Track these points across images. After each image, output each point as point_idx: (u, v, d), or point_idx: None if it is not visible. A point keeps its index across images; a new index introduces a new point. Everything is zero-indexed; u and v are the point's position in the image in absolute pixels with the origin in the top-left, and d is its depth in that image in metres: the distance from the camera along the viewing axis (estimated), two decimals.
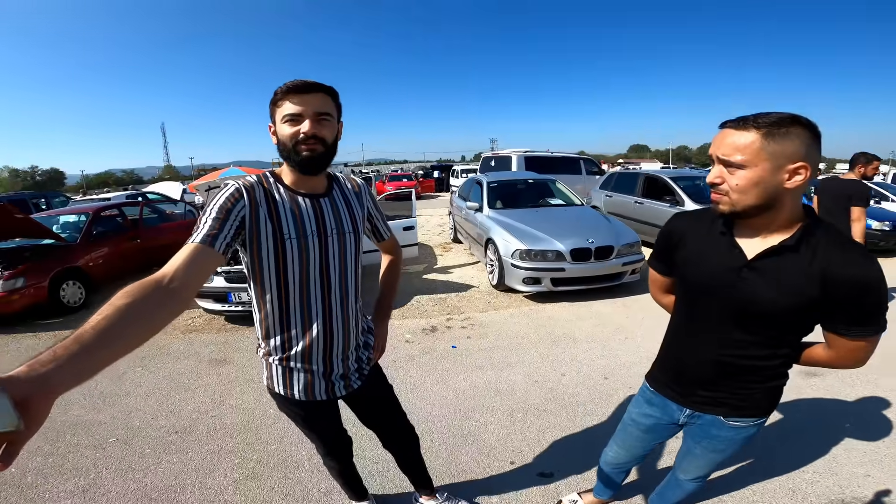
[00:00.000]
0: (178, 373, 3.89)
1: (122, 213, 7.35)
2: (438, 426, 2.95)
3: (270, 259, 1.34)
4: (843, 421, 2.93)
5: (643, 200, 8.41)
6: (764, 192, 1.09)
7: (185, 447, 2.82)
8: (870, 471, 2.46)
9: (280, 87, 1.29)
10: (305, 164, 1.31)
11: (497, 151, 14.72)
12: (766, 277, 1.17)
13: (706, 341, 1.34)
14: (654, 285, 1.65)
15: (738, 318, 1.25)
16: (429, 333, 4.59)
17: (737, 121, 1.10)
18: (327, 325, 1.47)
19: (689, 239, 1.35)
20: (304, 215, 1.37)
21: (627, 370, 3.68)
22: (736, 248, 1.22)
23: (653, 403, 1.58)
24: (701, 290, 1.31)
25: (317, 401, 1.56)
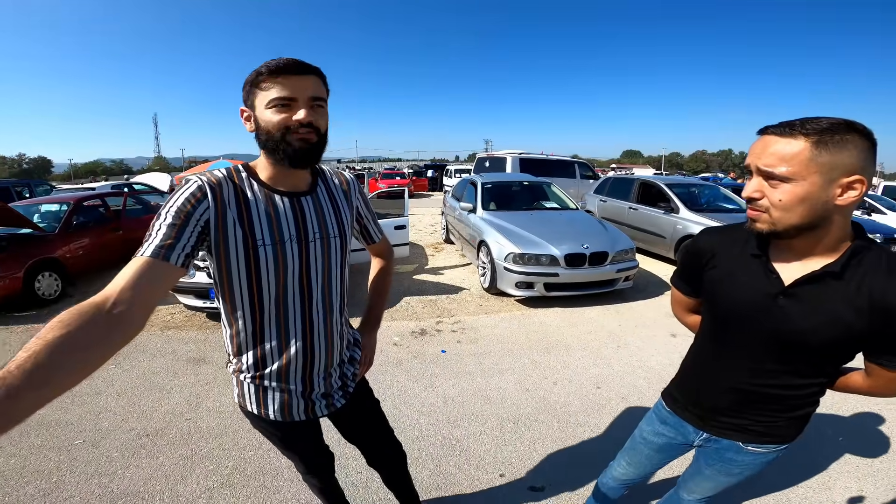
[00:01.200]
0: (153, 372, 3.72)
1: (104, 204, 7.14)
2: (426, 435, 2.83)
3: (241, 268, 1.16)
4: (837, 434, 2.87)
5: (638, 206, 8.37)
6: (811, 209, 0.95)
7: (156, 451, 2.68)
8: (863, 486, 2.41)
9: (263, 66, 1.09)
10: (299, 156, 1.13)
11: (492, 152, 14.66)
12: (804, 306, 1.04)
13: (733, 367, 1.22)
14: (677, 305, 1.51)
15: (772, 347, 1.12)
16: (418, 336, 4.47)
17: (782, 126, 0.95)
18: (307, 340, 1.29)
19: (720, 259, 1.21)
20: (282, 217, 1.19)
21: (620, 379, 3.58)
22: (772, 273, 1.09)
23: (667, 423, 1.47)
24: (731, 315, 1.18)
25: (294, 421, 1.39)
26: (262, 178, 1.20)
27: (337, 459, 2.42)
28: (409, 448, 2.59)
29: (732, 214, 7.30)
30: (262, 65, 1.10)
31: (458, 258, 7.87)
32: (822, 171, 0.91)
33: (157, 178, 17.00)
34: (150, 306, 0.95)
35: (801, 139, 0.92)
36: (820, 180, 0.92)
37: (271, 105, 1.09)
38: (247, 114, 1.16)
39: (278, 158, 1.14)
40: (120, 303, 0.88)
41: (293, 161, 1.13)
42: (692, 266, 1.31)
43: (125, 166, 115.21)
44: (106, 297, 0.87)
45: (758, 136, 1.01)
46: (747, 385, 1.20)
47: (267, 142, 1.12)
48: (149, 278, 0.95)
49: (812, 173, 0.92)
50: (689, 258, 1.32)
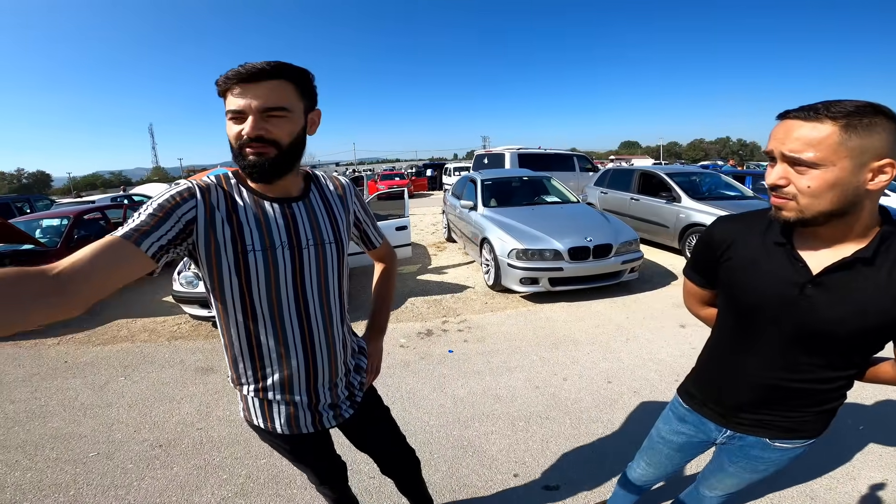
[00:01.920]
0: (163, 382, 3.72)
1: (104, 217, 7.15)
2: (437, 437, 2.81)
3: (232, 276, 1.12)
4: (857, 423, 2.84)
5: (639, 197, 8.33)
6: (842, 195, 0.91)
7: (169, 462, 2.67)
8: (887, 475, 2.37)
9: (222, 76, 1.04)
10: (256, 171, 1.07)
11: (490, 149, 14.63)
12: (834, 295, 1.00)
13: (757, 363, 1.18)
14: (691, 297, 1.45)
15: (799, 339, 1.08)
16: (424, 337, 4.45)
17: (806, 110, 0.91)
18: (308, 352, 1.25)
19: (739, 248, 1.16)
20: (272, 223, 1.15)
21: (631, 373, 3.56)
22: (799, 262, 1.04)
23: (686, 421, 1.43)
24: (753, 307, 1.13)
25: (303, 434, 1.37)
26: (251, 184, 1.17)
27: (349, 466, 2.41)
28: (420, 450, 2.58)
29: (734, 202, 7.26)
30: (222, 74, 1.05)
31: (461, 256, 7.85)
32: (852, 156, 0.88)
33: (156, 189, 17.00)
34: (104, 287, 0.89)
35: (828, 123, 0.88)
36: (850, 165, 0.88)
37: (229, 117, 1.05)
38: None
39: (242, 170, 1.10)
40: (69, 270, 0.83)
41: (251, 176, 1.10)
42: (707, 257, 1.26)
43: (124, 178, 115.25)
44: (56, 265, 0.83)
45: (778, 121, 0.97)
46: (773, 380, 1.16)
47: (232, 153, 1.09)
48: (112, 258, 0.90)
49: (842, 158, 0.88)
50: (704, 249, 1.27)
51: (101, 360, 4.23)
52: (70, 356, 4.36)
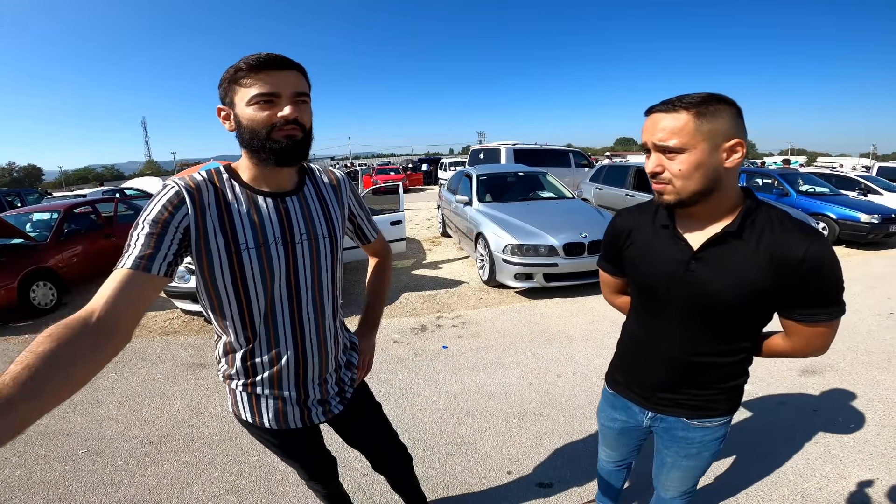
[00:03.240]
0: (154, 378, 3.68)
1: (95, 211, 7.06)
2: (430, 433, 2.80)
3: (225, 274, 1.11)
4: (847, 421, 2.85)
5: (634, 193, 8.37)
6: (706, 174, 1.04)
7: (160, 459, 2.65)
8: (878, 474, 2.38)
9: (243, 62, 1.03)
10: (285, 153, 1.08)
11: (486, 144, 14.60)
12: (714, 268, 1.11)
13: (662, 340, 1.27)
14: (606, 287, 1.55)
15: (692, 313, 1.18)
16: (418, 333, 4.44)
17: (664, 104, 1.05)
18: (299, 347, 1.24)
19: (636, 235, 1.29)
20: (266, 219, 1.14)
21: None
22: (681, 241, 1.16)
23: (616, 407, 1.51)
24: (652, 287, 1.25)
25: (291, 429, 1.36)
26: (244, 178, 1.15)
27: (341, 462, 2.39)
28: (413, 447, 2.56)
29: None
30: (241, 60, 1.04)
31: (456, 251, 7.83)
32: (707, 139, 1.01)
33: (148, 182, 16.83)
34: (137, 317, 0.95)
35: (683, 113, 1.01)
36: (707, 147, 1.01)
37: (253, 102, 1.03)
38: (225, 112, 1.10)
39: (263, 158, 1.09)
40: (105, 316, 0.88)
41: (279, 159, 1.09)
42: (613, 247, 1.37)
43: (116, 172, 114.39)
44: (91, 311, 0.87)
45: (646, 117, 1.10)
46: (675, 354, 1.25)
47: (252, 140, 1.07)
48: (132, 290, 0.94)
49: (700, 141, 1.01)
50: (610, 239, 1.38)
51: None
52: None
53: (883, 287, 5.67)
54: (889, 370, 3.44)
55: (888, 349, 3.77)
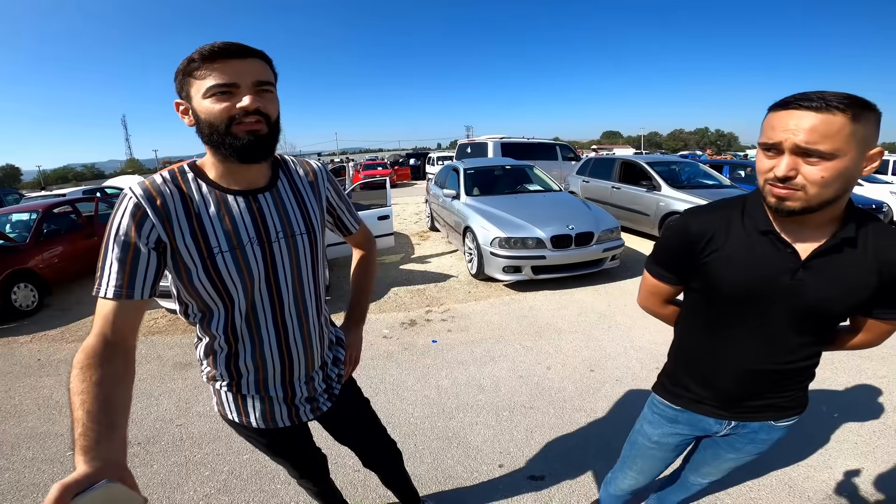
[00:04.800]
0: (139, 378, 3.61)
1: (76, 210, 6.91)
2: (421, 428, 2.80)
3: (203, 279, 1.07)
4: (831, 410, 2.88)
5: (620, 185, 8.40)
6: (846, 183, 0.94)
7: (149, 459, 2.62)
8: (863, 463, 2.42)
9: (196, 52, 0.96)
10: (248, 149, 1.01)
11: (473, 138, 14.56)
12: (824, 277, 1.04)
13: (755, 351, 1.18)
14: (654, 296, 1.39)
15: (792, 322, 1.11)
16: (408, 327, 4.43)
17: (813, 101, 0.91)
18: (283, 347, 1.21)
19: (721, 241, 1.13)
20: (238, 220, 1.08)
21: (613, 361, 3.59)
22: (788, 248, 1.06)
23: (678, 421, 1.39)
24: (746, 297, 1.13)
25: (279, 428, 1.33)
26: (211, 177, 1.08)
27: (332, 459, 2.36)
28: (404, 442, 2.56)
29: (713, 190, 7.37)
30: (195, 51, 0.97)
31: (445, 245, 7.82)
32: (858, 146, 0.91)
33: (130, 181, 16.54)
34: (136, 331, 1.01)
35: (839, 115, 0.89)
36: (856, 154, 0.91)
37: (209, 94, 0.97)
38: (183, 107, 1.03)
39: (225, 154, 1.02)
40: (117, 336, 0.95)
41: (242, 156, 1.02)
42: (685, 253, 1.20)
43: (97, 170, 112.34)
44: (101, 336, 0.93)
45: (778, 111, 0.96)
46: (772, 364, 1.18)
47: (211, 136, 1.00)
48: (124, 315, 0.97)
49: (852, 148, 0.90)
50: (681, 244, 1.21)
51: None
52: (43, 354, 4.23)
53: None
54: (871, 359, 3.50)
55: None
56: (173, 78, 1.02)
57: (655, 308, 1.42)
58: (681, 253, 1.22)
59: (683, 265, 1.23)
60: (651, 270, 1.34)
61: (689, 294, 1.29)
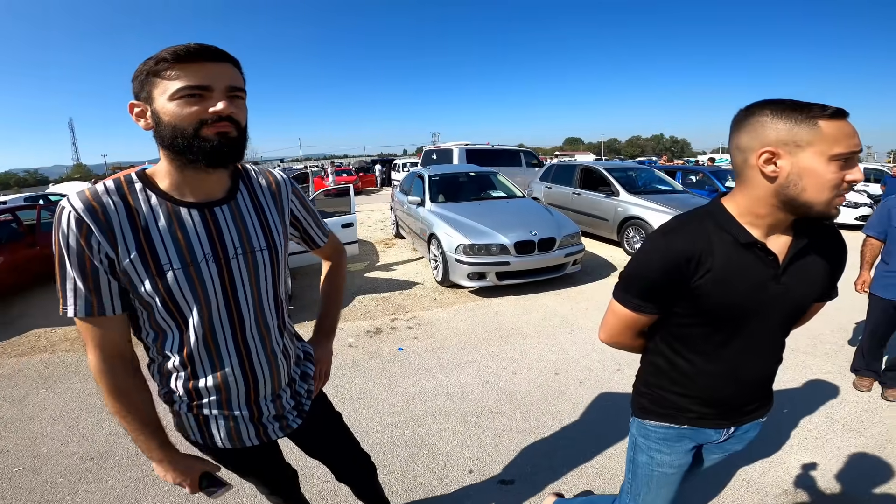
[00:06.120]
0: (89, 393, 3.45)
1: (16, 219, 6.52)
2: (390, 436, 2.78)
3: (153, 297, 1.00)
4: (780, 407, 3.00)
5: (581, 191, 8.61)
6: None
7: (103, 475, 2.51)
8: (814, 457, 2.52)
9: (167, 52, 0.91)
10: (217, 153, 0.95)
11: (439, 144, 14.64)
12: (800, 275, 1.12)
13: (755, 360, 1.21)
14: (629, 329, 1.27)
15: (782, 325, 1.19)
16: (373, 336, 4.39)
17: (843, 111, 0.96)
18: (246, 367, 1.14)
19: (709, 261, 1.08)
20: (191, 234, 1.01)
21: (577, 364, 3.67)
22: (770, 255, 1.08)
23: (685, 437, 1.33)
24: (743, 311, 1.12)
25: (247, 447, 1.26)
26: (163, 187, 1.01)
27: (301, 470, 2.31)
28: (373, 451, 2.53)
29: (667, 195, 7.69)
30: (164, 50, 0.92)
31: (410, 253, 7.80)
32: None
33: (77, 187, 15.78)
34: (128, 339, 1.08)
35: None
36: None
37: (178, 96, 0.91)
38: (140, 108, 0.96)
39: (190, 159, 0.96)
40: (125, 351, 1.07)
41: (211, 160, 0.96)
42: (672, 279, 1.11)
43: (40, 176, 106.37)
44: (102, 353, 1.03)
45: (839, 119, 0.95)
46: (769, 369, 1.26)
47: (174, 140, 0.94)
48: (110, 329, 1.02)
49: None
50: (666, 271, 1.11)
51: (19, 372, 3.89)
52: None
53: None
54: (815, 355, 3.71)
55: (812, 334, 4.06)
56: (132, 78, 0.96)
57: (628, 341, 1.33)
58: (667, 280, 1.12)
59: (670, 292, 1.14)
60: (627, 303, 1.21)
61: (673, 317, 1.20)
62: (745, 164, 1.04)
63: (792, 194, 0.99)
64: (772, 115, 0.98)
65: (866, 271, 3.19)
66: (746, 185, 1.06)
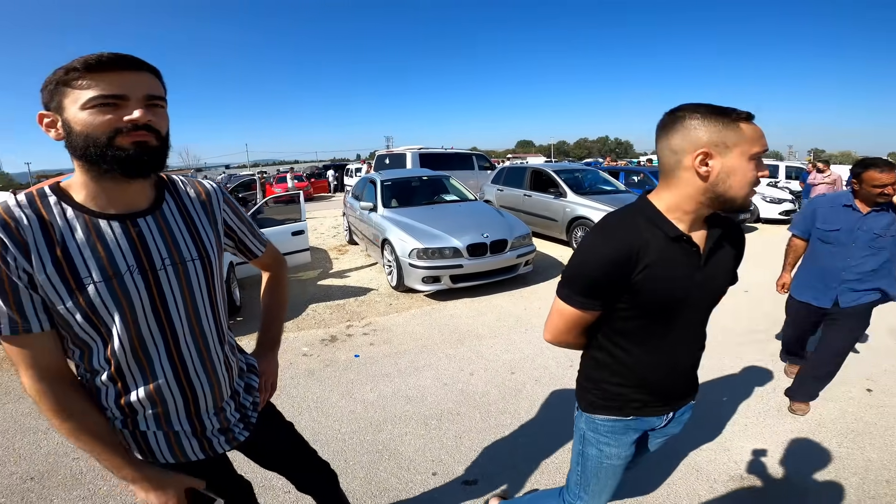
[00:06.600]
0: (22, 413, 3.23)
1: None
2: (350, 443, 2.77)
3: (74, 312, 0.97)
4: (720, 396, 3.20)
5: (531, 193, 8.83)
6: None
7: (46, 494, 2.39)
8: (756, 444, 2.68)
9: (77, 62, 0.89)
10: (134, 162, 0.93)
11: (392, 149, 14.59)
12: (716, 266, 1.23)
13: (687, 348, 1.33)
14: (576, 328, 1.31)
15: (706, 311, 1.31)
16: (328, 344, 4.34)
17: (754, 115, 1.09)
18: (183, 382, 1.11)
19: (646, 256, 1.14)
20: (112, 247, 0.99)
21: (532, 362, 3.78)
22: (693, 247, 1.17)
23: (630, 428, 1.39)
24: (677, 301, 1.20)
25: (192, 461, 1.20)
26: (79, 199, 0.98)
27: (260, 482, 2.28)
28: (335, 459, 2.53)
29: (611, 195, 8.03)
30: (74, 60, 0.90)
31: (364, 259, 7.75)
32: None
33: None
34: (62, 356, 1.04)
35: None
36: None
37: (91, 105, 0.89)
38: (49, 119, 0.94)
39: (105, 169, 0.94)
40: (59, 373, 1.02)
41: (127, 169, 0.94)
42: (615, 276, 1.16)
43: None
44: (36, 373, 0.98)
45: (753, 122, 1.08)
46: (697, 354, 1.37)
47: (87, 150, 0.91)
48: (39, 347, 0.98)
49: None
50: (609, 268, 1.15)
51: None
52: None
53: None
54: (748, 344, 3.98)
55: (746, 324, 4.36)
56: (41, 89, 0.94)
57: (573, 339, 1.36)
58: (609, 277, 1.16)
59: (613, 288, 1.18)
60: (572, 301, 1.24)
61: (612, 312, 1.25)
62: (679, 165, 1.11)
63: (720, 191, 1.09)
64: (702, 119, 1.07)
65: (787, 272, 3.15)
66: (676, 183, 1.13)
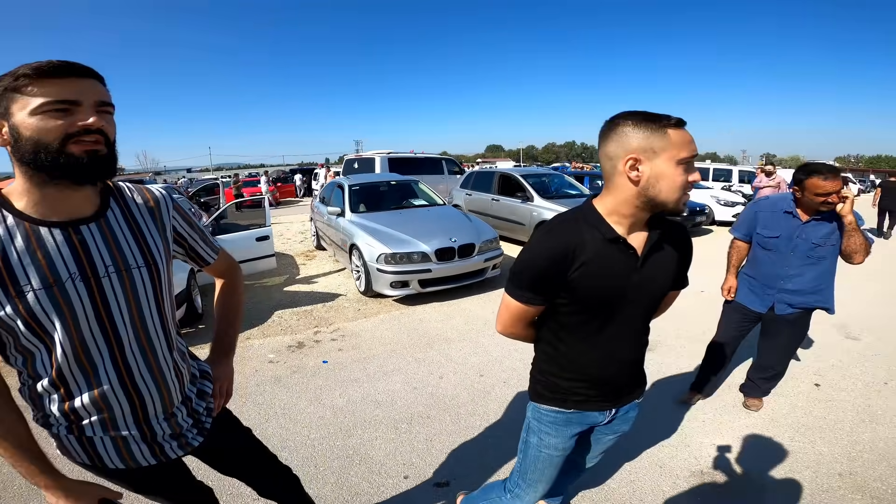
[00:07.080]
0: None
1: None
2: (320, 449, 2.74)
3: (14, 319, 0.97)
4: (678, 392, 3.32)
5: (499, 197, 8.95)
6: None
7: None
8: (714, 440, 2.79)
9: (26, 68, 0.90)
10: (86, 169, 0.95)
11: (361, 153, 14.50)
12: (654, 266, 1.28)
13: (623, 345, 1.37)
14: (521, 321, 1.40)
15: (644, 310, 1.35)
16: (295, 350, 4.29)
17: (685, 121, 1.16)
18: (128, 385, 1.11)
19: (583, 255, 1.22)
20: (54, 254, 0.99)
21: (500, 364, 3.83)
22: (630, 249, 1.23)
23: (571, 422, 1.46)
24: (612, 299, 1.27)
25: (143, 467, 1.20)
26: (20, 207, 0.98)
27: (226, 489, 2.24)
28: (304, 465, 2.53)
29: (576, 199, 8.20)
30: (24, 66, 0.91)
31: (332, 264, 7.67)
32: None
33: None
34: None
35: None
36: None
37: (42, 110, 0.91)
38: None
39: (56, 175, 0.94)
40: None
41: (78, 175, 0.96)
42: (553, 273, 1.24)
43: None
44: None
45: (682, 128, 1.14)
46: (639, 350, 1.43)
47: (37, 155, 0.92)
48: None
49: None
50: (547, 266, 1.24)
51: None
52: None
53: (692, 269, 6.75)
54: (705, 342, 4.12)
55: (702, 324, 4.52)
56: None
57: (520, 332, 1.45)
58: (548, 274, 1.25)
59: (552, 285, 1.26)
60: (517, 296, 1.33)
61: (556, 307, 1.33)
62: (614, 171, 1.18)
63: (651, 195, 1.15)
64: (633, 126, 1.14)
65: (732, 276, 3.01)
66: (614, 188, 1.21)
